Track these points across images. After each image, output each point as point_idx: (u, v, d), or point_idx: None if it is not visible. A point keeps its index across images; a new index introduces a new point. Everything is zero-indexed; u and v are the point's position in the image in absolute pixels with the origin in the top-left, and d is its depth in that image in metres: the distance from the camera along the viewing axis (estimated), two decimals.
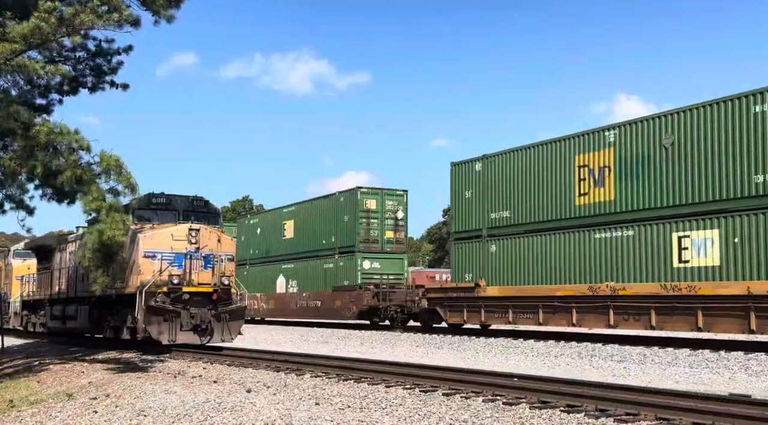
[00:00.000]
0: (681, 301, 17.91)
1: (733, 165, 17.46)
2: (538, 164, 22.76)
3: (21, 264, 33.05)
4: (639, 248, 19.27)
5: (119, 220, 13.46)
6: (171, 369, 14.89)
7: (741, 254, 17.01)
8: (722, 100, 17.81)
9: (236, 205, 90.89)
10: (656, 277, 18.77)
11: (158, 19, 14.34)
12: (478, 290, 24.10)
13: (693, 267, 18.00)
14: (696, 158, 18.24)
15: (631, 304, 19.08)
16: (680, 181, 18.53)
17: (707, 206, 17.90)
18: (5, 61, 12.85)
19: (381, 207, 31.87)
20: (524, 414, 8.87)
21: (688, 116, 18.50)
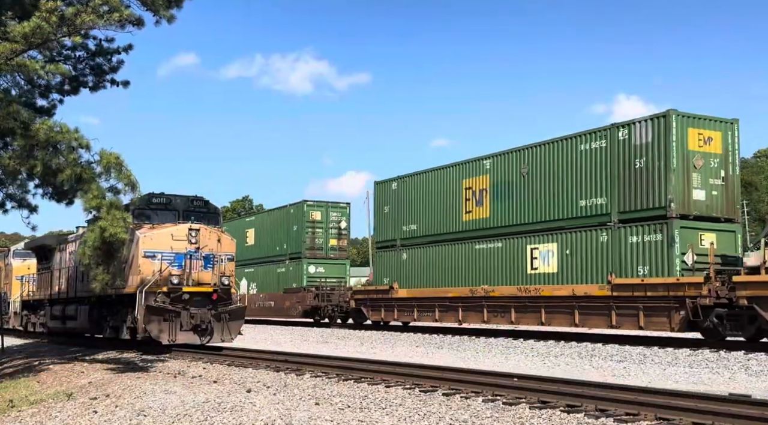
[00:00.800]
0: (530, 301, 22.20)
1: (566, 192, 21.62)
2: (437, 186, 27.16)
3: (21, 264, 33.06)
4: (504, 258, 23.51)
5: (120, 217, 13.45)
6: (171, 369, 14.89)
7: (570, 264, 21.15)
8: (560, 138, 22.01)
9: (236, 205, 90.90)
10: (515, 281, 22.91)
11: (159, 19, 14.34)
12: (392, 292, 28.18)
13: (540, 273, 22.15)
14: (542, 185, 22.49)
15: (498, 304, 23.38)
16: (533, 203, 22.80)
17: (549, 224, 22.07)
18: (5, 61, 12.85)
19: (326, 218, 36.25)
20: (524, 414, 8.87)
21: (538, 150, 22.75)
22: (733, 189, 19.68)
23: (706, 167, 19.32)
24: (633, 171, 19.68)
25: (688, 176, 19.00)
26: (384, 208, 30.03)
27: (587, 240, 20.70)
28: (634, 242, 19.45)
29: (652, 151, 19.28)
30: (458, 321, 24.97)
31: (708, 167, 19.37)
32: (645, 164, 19.38)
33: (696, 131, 19.33)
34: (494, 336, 22.93)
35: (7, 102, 13.31)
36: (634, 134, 19.79)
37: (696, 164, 19.06)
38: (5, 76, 14.19)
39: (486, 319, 23.71)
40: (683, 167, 18.95)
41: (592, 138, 20.98)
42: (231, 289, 18.84)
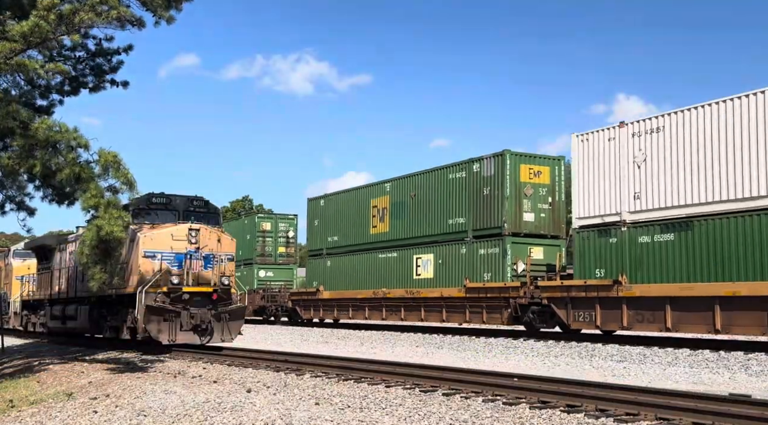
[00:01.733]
0: (414, 301, 26.90)
1: (440, 212, 26.61)
2: (352, 203, 31.82)
3: (21, 264, 33.07)
4: (398, 266, 28.27)
5: (117, 215, 13.44)
6: (171, 369, 14.88)
7: (441, 271, 26.02)
8: (436, 168, 27.01)
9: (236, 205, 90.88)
10: (404, 285, 27.62)
11: (158, 20, 14.34)
12: (318, 294, 32.85)
13: (422, 279, 27.00)
14: (425, 205, 27.39)
15: (393, 303, 27.98)
16: (418, 220, 27.70)
17: (428, 238, 26.99)
18: (5, 60, 12.84)
19: (275, 228, 41.31)
20: (524, 414, 8.87)
21: (422, 177, 27.77)
22: (558, 212, 24.67)
23: (535, 195, 24.08)
24: (482, 197, 24.58)
25: (519, 202, 23.85)
26: (314, 221, 34.73)
27: (453, 252, 25.58)
28: (482, 254, 24.33)
29: (494, 182, 24.18)
30: (364, 318, 29.80)
31: (537, 194, 24.13)
32: (490, 192, 24.31)
33: (527, 167, 24.20)
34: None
35: (7, 102, 13.30)
36: (483, 167, 24.73)
37: (526, 192, 23.95)
38: (5, 76, 14.18)
39: (384, 316, 28.41)
40: (515, 195, 23.79)
41: (457, 169, 25.98)
42: (231, 289, 18.84)
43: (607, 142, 20.44)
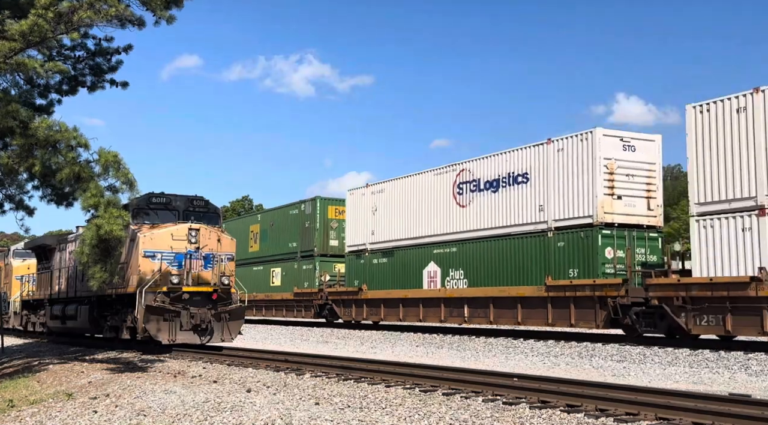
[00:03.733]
0: (270, 302, 36.44)
1: (285, 237, 36.12)
2: (243, 227, 40.54)
3: (21, 264, 33.05)
4: (263, 276, 37.53)
5: (117, 215, 13.43)
6: (171, 369, 14.87)
7: (285, 280, 35.38)
8: (284, 206, 37.32)
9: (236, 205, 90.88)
10: (265, 290, 36.88)
11: (158, 20, 14.32)
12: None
13: (275, 286, 36.45)
14: (277, 233, 37.05)
15: (259, 304, 36.46)
16: (274, 243, 37.21)
17: (279, 257, 36.50)
18: (4, 60, 12.83)
19: None
20: (524, 414, 8.86)
21: (276, 212, 38.12)
22: None
23: (339, 227, 33.53)
24: (305, 229, 34.32)
25: (327, 233, 33.69)
26: None
27: (290, 267, 35.18)
28: (304, 268, 34.02)
29: (311, 218, 33.99)
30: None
31: (341, 227, 33.37)
32: (309, 225, 34.02)
33: (333, 207, 34.08)
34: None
35: (6, 101, 13.29)
36: (306, 208, 34.63)
37: (332, 226, 33.72)
38: (4, 76, 14.17)
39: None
40: (324, 228, 33.72)
41: (294, 208, 35.69)
42: (231, 289, 18.84)
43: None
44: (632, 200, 20.88)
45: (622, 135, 21.19)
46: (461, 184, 25.41)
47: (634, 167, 20.97)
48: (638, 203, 20.92)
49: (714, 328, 17.26)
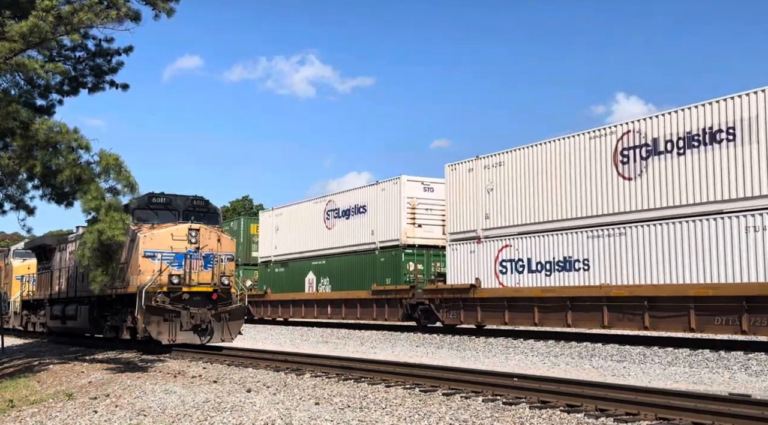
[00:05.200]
0: None
1: None
2: None
3: (21, 264, 33.07)
4: None
5: (118, 219, 13.43)
6: (171, 369, 14.88)
7: None
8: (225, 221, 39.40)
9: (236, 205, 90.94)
10: None
11: (158, 13, 14.29)
12: None
13: None
14: None
15: None
16: None
17: None
18: (4, 60, 12.83)
19: None
20: (524, 414, 8.87)
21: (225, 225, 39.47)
22: None
23: None
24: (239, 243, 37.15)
25: (250, 246, 39.54)
26: None
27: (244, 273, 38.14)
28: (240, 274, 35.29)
29: (238, 233, 39.39)
30: None
31: None
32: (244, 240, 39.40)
33: (255, 225, 39.69)
34: (489, 335, 22.99)
35: (7, 102, 13.30)
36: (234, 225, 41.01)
37: (254, 240, 39.24)
38: (5, 76, 14.18)
39: None
40: (247, 241, 39.46)
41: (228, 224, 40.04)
42: (231, 289, 18.85)
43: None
44: (431, 227, 28.21)
45: (423, 180, 28.89)
46: (329, 211, 32.74)
47: (432, 204, 28.35)
48: (435, 229, 28.07)
49: (454, 320, 24.78)
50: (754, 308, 16.29)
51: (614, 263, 19.47)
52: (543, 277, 21.65)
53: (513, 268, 22.70)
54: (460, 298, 24.06)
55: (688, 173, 18.02)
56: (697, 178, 17.80)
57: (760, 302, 16.17)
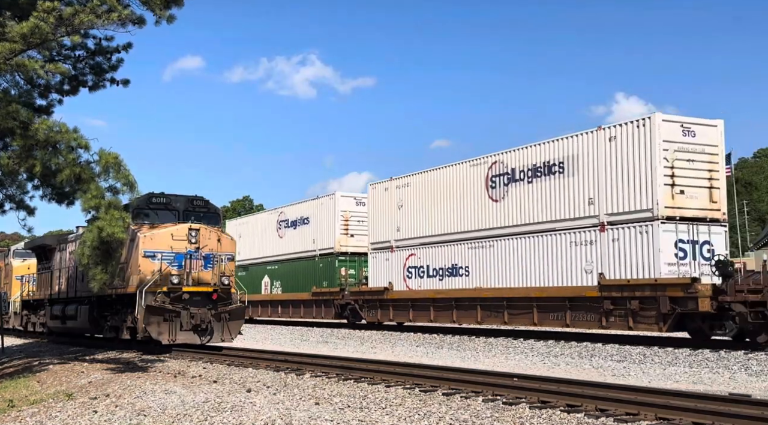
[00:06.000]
0: None
1: None
2: None
3: (21, 264, 33.06)
4: None
5: (118, 217, 13.42)
6: (171, 369, 14.88)
7: None
8: None
9: (236, 205, 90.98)
10: None
11: (159, 19, 14.29)
12: None
13: None
14: None
15: None
16: None
17: None
18: (4, 61, 12.82)
19: None
20: (524, 414, 8.87)
21: None
22: None
23: None
24: None
25: None
26: None
27: None
28: None
29: None
30: None
31: None
32: None
33: None
34: (493, 335, 23.00)
35: (7, 102, 13.29)
36: None
37: None
38: (5, 76, 14.17)
39: None
40: None
41: None
42: (231, 289, 18.84)
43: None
44: (362, 237, 31.49)
45: (356, 196, 33.31)
46: (281, 222, 37.17)
47: (363, 216, 31.72)
48: (365, 239, 30.79)
49: (373, 318, 28.85)
50: (573, 306, 20.57)
51: (486, 270, 23.68)
52: (437, 281, 25.92)
53: (417, 274, 27.01)
54: (377, 299, 28.51)
55: (534, 198, 22.15)
56: (540, 201, 21.95)
57: (577, 302, 20.49)
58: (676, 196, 18.93)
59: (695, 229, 19.04)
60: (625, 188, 19.53)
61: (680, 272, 18.50)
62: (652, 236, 18.65)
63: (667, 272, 18.39)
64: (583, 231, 20.44)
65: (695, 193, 19.16)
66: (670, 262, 18.54)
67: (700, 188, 19.24)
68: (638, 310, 18.66)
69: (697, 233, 19.04)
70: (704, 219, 19.22)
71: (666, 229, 18.63)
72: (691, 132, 19.32)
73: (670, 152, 18.89)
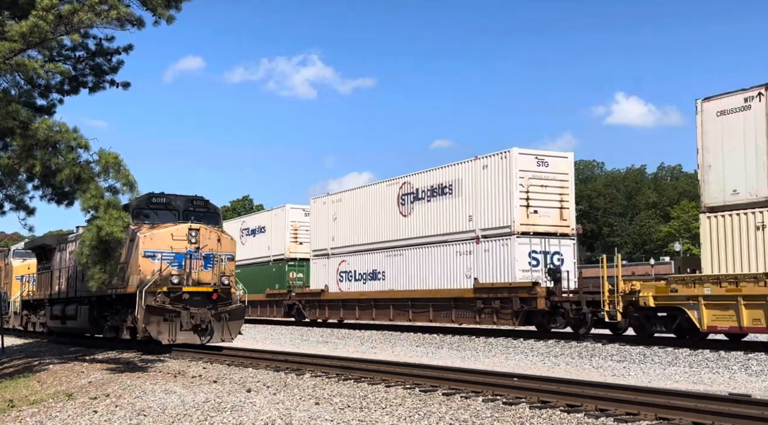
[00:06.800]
0: None
1: None
2: None
3: (21, 264, 33.06)
4: None
5: (117, 216, 13.42)
6: (171, 369, 14.88)
7: None
8: None
9: (236, 205, 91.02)
10: None
11: (158, 19, 14.30)
12: None
13: None
14: None
15: None
16: None
17: None
18: (4, 60, 12.82)
19: None
20: (524, 414, 8.87)
21: None
22: None
23: None
24: None
25: None
26: None
27: None
28: None
29: None
30: None
31: None
32: None
33: None
34: (493, 335, 23.01)
35: (7, 101, 13.29)
36: None
37: None
38: (5, 76, 14.17)
39: None
40: None
41: None
42: (231, 289, 18.84)
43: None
44: (308, 245, 34.90)
45: (304, 207, 37.11)
46: (243, 230, 41.64)
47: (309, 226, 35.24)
48: (306, 246, 35.21)
49: (313, 316, 33.01)
50: (457, 305, 24.75)
51: (397, 274, 27.92)
52: (361, 284, 29.94)
53: (347, 277, 30.95)
54: (315, 300, 32.62)
55: (432, 214, 26.48)
56: (436, 217, 26.28)
57: (459, 302, 24.62)
58: (530, 215, 22.95)
59: (547, 242, 22.99)
60: (494, 207, 23.72)
61: (532, 278, 22.33)
62: (510, 248, 22.82)
63: (521, 278, 22.37)
64: (465, 243, 24.70)
65: (547, 212, 23.17)
66: (525, 269, 22.54)
67: (551, 208, 23.26)
68: (499, 308, 22.83)
69: (548, 245, 23.03)
70: (555, 234, 23.24)
71: (521, 242, 22.71)
72: (544, 162, 23.37)
73: (525, 179, 22.94)
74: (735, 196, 17.64)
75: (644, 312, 19.09)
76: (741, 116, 17.66)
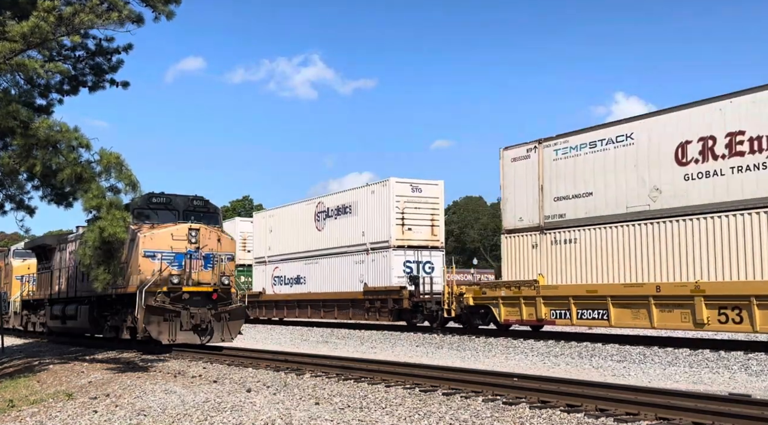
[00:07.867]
0: None
1: None
2: None
3: (21, 264, 33.06)
4: None
5: (120, 217, 13.41)
6: (171, 369, 14.88)
7: None
8: None
9: (236, 205, 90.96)
10: None
11: (158, 16, 14.28)
12: None
13: None
14: None
15: None
16: None
17: None
18: (4, 60, 12.83)
19: None
20: (524, 413, 8.87)
21: None
22: None
23: None
24: None
25: None
26: None
27: None
28: None
29: None
30: None
31: None
32: None
33: None
34: (494, 335, 23.04)
35: (7, 101, 13.29)
36: None
37: None
38: (5, 76, 14.16)
39: None
40: None
41: None
42: (231, 289, 18.84)
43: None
44: (251, 253, 39.72)
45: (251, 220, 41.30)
46: None
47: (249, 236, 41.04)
48: (249, 255, 39.93)
49: (255, 314, 36.08)
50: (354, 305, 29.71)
51: (314, 279, 33.09)
52: (289, 288, 35.08)
53: (279, 282, 36.14)
54: (256, 300, 36.29)
55: (338, 229, 31.61)
56: (341, 232, 31.38)
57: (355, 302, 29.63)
58: (405, 231, 28.19)
59: (420, 253, 28.22)
60: (378, 225, 28.85)
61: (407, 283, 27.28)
62: (388, 258, 28.13)
63: (396, 283, 27.56)
64: (359, 254, 29.89)
65: (420, 230, 28.47)
66: (400, 275, 27.70)
67: (423, 226, 28.60)
68: (380, 307, 27.92)
69: (421, 256, 28.24)
70: (427, 247, 28.46)
71: (397, 253, 27.94)
72: (418, 189, 28.62)
73: (401, 202, 28.11)
74: (521, 222, 22.92)
75: (468, 309, 24.07)
76: (524, 163, 22.94)
